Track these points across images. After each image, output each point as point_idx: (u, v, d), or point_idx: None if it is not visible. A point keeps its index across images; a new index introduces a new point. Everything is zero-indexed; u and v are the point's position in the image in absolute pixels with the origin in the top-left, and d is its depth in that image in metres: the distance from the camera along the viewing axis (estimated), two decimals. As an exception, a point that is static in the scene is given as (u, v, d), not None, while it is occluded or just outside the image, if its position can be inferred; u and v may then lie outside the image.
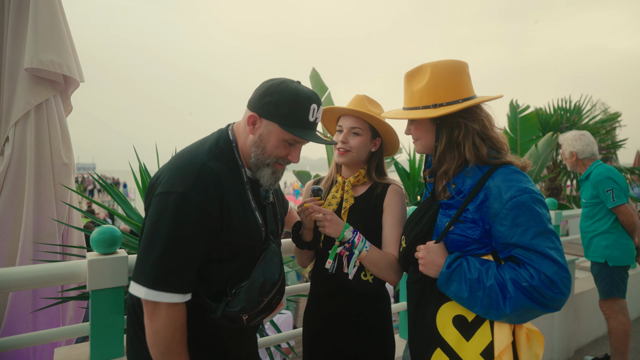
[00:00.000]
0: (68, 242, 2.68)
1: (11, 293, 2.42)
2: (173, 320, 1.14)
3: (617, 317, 3.12)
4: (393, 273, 1.54)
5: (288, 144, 1.29)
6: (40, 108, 2.50)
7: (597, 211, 3.17)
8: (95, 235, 1.59)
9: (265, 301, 1.23)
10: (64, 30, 2.56)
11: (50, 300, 2.39)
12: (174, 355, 1.16)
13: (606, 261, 3.11)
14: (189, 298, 1.18)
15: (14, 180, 2.44)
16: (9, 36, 2.46)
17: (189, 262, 1.15)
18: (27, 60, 2.39)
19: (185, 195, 1.14)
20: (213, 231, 1.19)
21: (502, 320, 1.20)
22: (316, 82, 3.98)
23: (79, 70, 2.64)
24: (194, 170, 1.18)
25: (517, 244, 1.17)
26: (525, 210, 1.16)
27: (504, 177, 1.23)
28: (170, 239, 1.12)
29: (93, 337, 1.58)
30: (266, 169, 1.31)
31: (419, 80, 1.34)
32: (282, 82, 1.27)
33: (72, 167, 2.64)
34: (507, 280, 1.16)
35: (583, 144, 3.19)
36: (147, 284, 1.12)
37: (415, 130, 1.41)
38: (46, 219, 2.50)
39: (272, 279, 1.25)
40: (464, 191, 1.29)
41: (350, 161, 1.66)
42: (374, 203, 1.64)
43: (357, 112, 1.61)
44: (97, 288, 1.57)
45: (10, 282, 1.48)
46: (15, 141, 2.43)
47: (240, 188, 1.29)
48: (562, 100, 5.21)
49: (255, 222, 1.32)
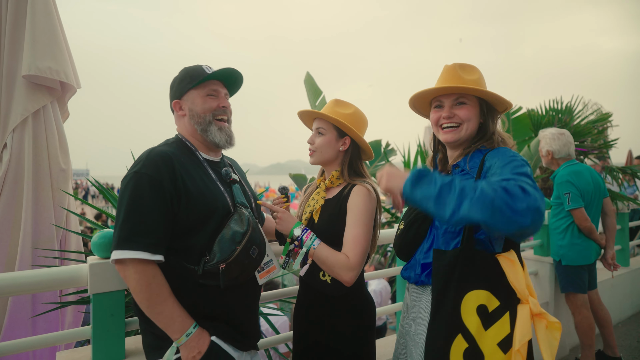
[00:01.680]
0: (66, 247, 2.69)
1: (11, 298, 2.43)
2: (142, 275, 1.28)
3: (580, 311, 3.20)
4: (341, 270, 1.52)
5: (211, 96, 1.53)
6: (38, 114, 2.52)
7: (558, 211, 3.29)
8: (96, 240, 1.61)
9: (238, 249, 1.35)
10: (60, 37, 2.59)
11: (50, 305, 2.40)
12: (158, 304, 1.30)
13: (560, 259, 3.24)
14: (158, 258, 1.31)
15: (12, 186, 2.45)
16: (7, 43, 2.48)
17: (149, 226, 1.30)
18: (24, 67, 2.41)
19: (137, 172, 1.34)
20: (170, 199, 1.34)
21: (463, 217, 1.07)
22: (310, 86, 4.02)
23: (75, 76, 2.67)
24: (145, 154, 1.40)
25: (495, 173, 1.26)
26: (506, 162, 1.26)
27: (499, 151, 1.35)
28: (129, 207, 1.31)
29: (95, 340, 1.60)
30: (211, 127, 1.51)
31: (472, 73, 1.46)
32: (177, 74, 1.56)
33: (69, 172, 2.66)
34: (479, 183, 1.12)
35: (560, 143, 3.23)
36: (113, 247, 1.30)
37: (464, 112, 1.43)
38: (44, 224, 2.51)
39: (240, 231, 1.38)
40: (467, 170, 1.39)
41: (317, 161, 1.73)
42: (338, 205, 1.64)
43: (312, 112, 1.73)
44: (99, 292, 1.59)
45: (13, 286, 1.50)
46: (13, 147, 2.45)
47: (197, 164, 1.49)
48: (553, 101, 5.28)
49: (217, 190, 1.47)
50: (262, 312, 2.73)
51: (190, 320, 1.34)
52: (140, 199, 1.31)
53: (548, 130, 3.35)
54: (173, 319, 1.31)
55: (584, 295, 3.21)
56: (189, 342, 1.32)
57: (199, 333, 1.34)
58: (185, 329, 1.32)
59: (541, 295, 3.63)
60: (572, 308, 3.26)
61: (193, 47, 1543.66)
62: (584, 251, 3.17)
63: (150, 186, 1.32)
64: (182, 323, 1.32)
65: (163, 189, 1.33)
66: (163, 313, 1.30)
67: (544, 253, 3.69)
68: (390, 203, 4.77)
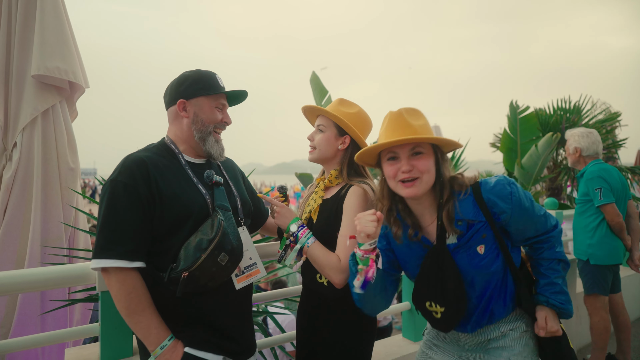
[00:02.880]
0: (75, 245, 2.72)
1: (20, 296, 2.46)
2: (123, 283, 1.30)
3: (598, 313, 3.16)
4: (332, 272, 1.50)
5: (218, 109, 1.54)
6: (47, 114, 2.55)
7: (586, 209, 3.22)
8: (104, 238, 1.63)
9: (203, 257, 1.31)
10: (69, 38, 2.61)
11: (58, 302, 2.43)
12: (136, 313, 1.31)
13: (588, 259, 3.16)
14: (137, 265, 1.32)
15: (22, 185, 2.48)
16: (17, 44, 2.51)
17: (126, 233, 1.31)
18: (34, 67, 2.44)
19: (113, 180, 1.35)
20: (147, 205, 1.35)
21: None
22: (316, 85, 4.03)
23: (84, 76, 2.69)
24: (121, 162, 1.41)
25: (532, 225, 1.42)
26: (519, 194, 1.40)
27: (489, 187, 1.40)
28: (106, 216, 1.32)
29: (103, 337, 1.62)
30: (210, 138, 1.52)
31: (419, 118, 1.39)
32: (184, 72, 1.54)
33: (77, 171, 2.69)
34: (552, 264, 1.47)
35: (589, 141, 3.24)
36: (94, 256, 1.31)
37: (423, 163, 1.35)
38: (53, 223, 2.54)
39: (207, 237, 1.35)
40: (471, 219, 1.36)
41: (316, 158, 1.72)
42: (336, 205, 1.62)
43: (314, 108, 1.73)
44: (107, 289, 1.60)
45: (22, 284, 1.52)
46: (23, 147, 2.48)
47: (177, 168, 1.47)
48: (561, 100, 5.24)
49: (195, 193, 1.45)
50: (268, 311, 2.73)
51: (166, 332, 1.34)
52: (116, 206, 1.32)
53: (576, 129, 3.36)
54: (149, 330, 1.31)
55: (605, 297, 3.16)
56: (163, 354, 1.31)
57: (174, 345, 1.33)
58: (160, 341, 1.32)
59: (549, 296, 3.60)
60: (591, 309, 3.21)
61: (199, 48, 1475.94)
62: (613, 250, 3.11)
63: (125, 192, 1.32)
64: (157, 335, 1.32)
65: (138, 194, 1.33)
66: (140, 323, 1.31)
67: (551, 254, 3.66)
68: None
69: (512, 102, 5.10)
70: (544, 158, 4.46)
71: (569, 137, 3.38)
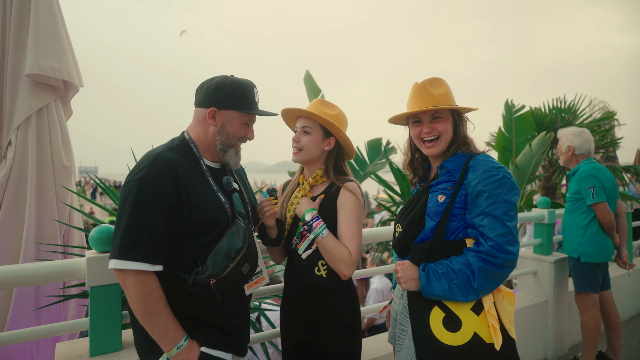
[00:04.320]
0: (69, 242, 2.76)
1: (15, 291, 2.49)
2: (142, 285, 1.29)
3: (589, 311, 3.19)
4: (343, 264, 1.61)
5: (246, 124, 1.55)
6: (41, 112, 2.58)
7: (577, 207, 3.25)
8: (93, 234, 1.66)
9: (231, 266, 1.35)
10: (63, 37, 2.64)
11: (53, 298, 2.46)
12: (153, 314, 1.32)
13: (579, 257, 3.19)
14: (157, 269, 1.32)
15: (17, 182, 2.52)
16: (11, 43, 2.54)
17: (151, 236, 1.30)
18: (28, 66, 2.47)
19: (142, 179, 1.32)
20: (173, 209, 1.35)
21: (480, 294, 1.46)
22: (310, 84, 4.06)
23: (78, 75, 2.72)
24: (149, 160, 1.37)
25: (480, 213, 1.46)
26: (495, 180, 1.47)
27: (482, 158, 1.56)
28: (132, 216, 1.30)
29: (92, 332, 1.65)
30: (231, 150, 1.54)
31: (439, 87, 1.62)
32: (224, 77, 1.51)
33: (72, 169, 2.72)
34: (467, 256, 1.46)
35: (582, 140, 3.27)
36: (114, 256, 1.29)
37: (441, 125, 1.62)
38: (48, 220, 2.57)
39: (235, 247, 1.38)
40: (451, 170, 1.57)
41: (302, 159, 1.76)
42: (328, 202, 1.71)
43: (304, 112, 1.73)
44: (96, 285, 1.64)
45: (14, 278, 1.56)
46: (17, 145, 2.51)
47: (200, 174, 1.48)
48: (556, 99, 5.25)
49: (218, 201, 1.47)
50: (260, 308, 2.77)
51: (182, 332, 1.37)
52: (143, 208, 1.30)
53: (569, 129, 3.40)
54: (167, 331, 1.33)
55: (596, 295, 3.20)
56: (180, 354, 1.34)
57: (190, 345, 1.37)
58: (177, 341, 1.34)
59: (540, 295, 3.63)
60: (582, 307, 3.24)
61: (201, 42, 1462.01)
62: (603, 248, 3.14)
63: (154, 194, 1.31)
64: (174, 336, 1.34)
65: (167, 199, 1.32)
66: (158, 324, 1.33)
67: (543, 252, 3.69)
68: None
69: (508, 101, 5.12)
70: (537, 157, 4.48)
71: (561, 136, 3.41)
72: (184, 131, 1.57)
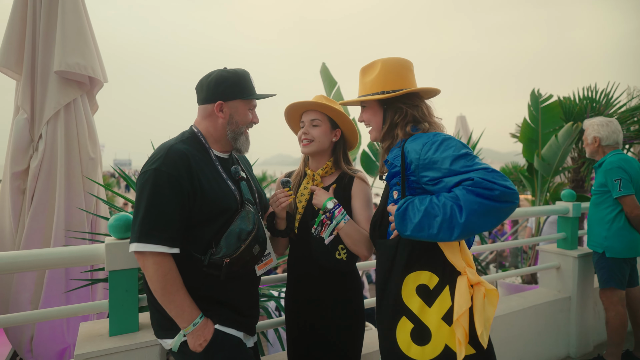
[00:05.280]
0: (96, 229, 2.92)
1: (47, 276, 2.68)
2: (160, 266, 1.39)
3: (614, 307, 3.08)
4: (364, 247, 1.72)
5: (250, 110, 1.64)
6: (69, 107, 2.74)
7: (603, 200, 3.12)
8: (112, 222, 1.76)
9: (243, 247, 1.45)
10: (88, 34, 2.78)
11: (81, 282, 2.63)
12: (171, 294, 1.41)
13: (604, 252, 3.07)
14: (174, 251, 1.42)
15: (47, 173, 2.69)
16: (41, 42, 2.70)
17: (167, 221, 1.40)
18: (56, 64, 2.62)
19: (157, 169, 1.42)
20: (187, 196, 1.44)
21: (468, 230, 1.21)
22: (326, 76, 4.07)
23: (102, 71, 2.86)
24: (163, 151, 1.47)
25: (442, 176, 1.28)
26: (436, 145, 1.33)
27: (416, 136, 1.44)
28: (149, 203, 1.39)
29: (111, 313, 1.76)
30: (242, 137, 1.63)
31: (371, 73, 1.57)
32: (221, 71, 1.60)
33: (97, 161, 2.87)
34: (454, 191, 1.24)
35: (609, 130, 3.13)
36: (134, 240, 1.39)
37: (365, 114, 1.62)
38: (75, 209, 2.74)
39: (246, 229, 1.48)
40: (392, 161, 1.50)
41: (313, 150, 1.82)
42: (342, 191, 1.81)
43: (315, 104, 1.80)
44: (114, 269, 1.74)
45: (42, 261, 1.68)
46: (47, 138, 2.68)
47: (210, 163, 1.57)
48: (587, 89, 5.01)
49: (227, 189, 1.56)
50: (274, 296, 2.84)
51: (198, 311, 1.46)
52: (159, 195, 1.40)
53: (595, 119, 3.26)
54: (183, 309, 1.43)
55: (622, 291, 3.09)
56: (196, 330, 1.44)
57: (205, 322, 1.46)
58: (193, 318, 1.44)
59: (563, 290, 3.53)
60: (607, 304, 3.14)
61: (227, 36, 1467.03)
62: (630, 243, 3.02)
63: (169, 183, 1.40)
64: (190, 313, 1.44)
65: (181, 186, 1.42)
66: (174, 302, 1.42)
67: (567, 246, 3.58)
68: None
69: (534, 90, 4.94)
70: (564, 149, 4.31)
71: (587, 126, 3.27)
72: (192, 125, 1.66)
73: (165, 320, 1.49)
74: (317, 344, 1.79)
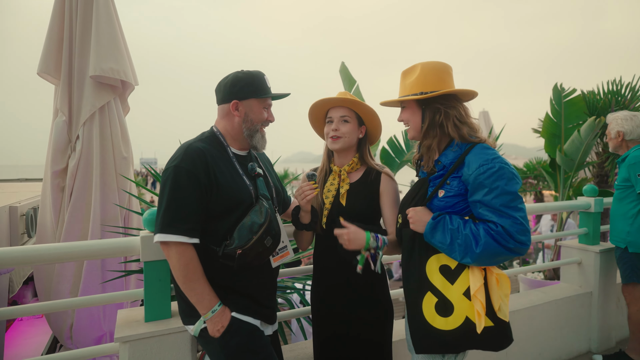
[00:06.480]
0: (129, 224, 3.10)
1: (84, 267, 2.87)
2: (182, 255, 1.50)
3: (637, 303, 3.05)
4: (395, 250, 1.81)
5: (265, 109, 1.71)
6: (103, 109, 2.92)
7: (626, 195, 3.08)
8: (145, 217, 1.90)
9: (254, 239, 1.53)
10: (120, 40, 2.95)
11: (116, 273, 2.81)
12: (192, 281, 1.52)
13: (627, 247, 3.04)
14: (195, 241, 1.52)
15: (84, 172, 2.88)
16: (77, 49, 2.89)
17: (187, 213, 1.51)
18: (91, 69, 2.80)
19: (177, 166, 1.52)
20: (204, 190, 1.54)
21: (476, 262, 1.47)
22: (345, 75, 4.12)
23: (133, 74, 3.03)
24: (182, 150, 1.58)
25: (481, 203, 1.48)
26: (490, 172, 1.46)
27: (478, 151, 1.54)
28: (170, 197, 1.50)
29: (146, 300, 1.90)
30: (257, 135, 1.71)
31: (411, 75, 1.66)
32: (237, 72, 1.69)
33: (130, 160, 3.05)
34: (480, 229, 1.46)
35: (633, 124, 3.10)
36: (157, 231, 1.50)
37: (404, 114, 1.69)
38: (110, 205, 2.92)
39: (258, 222, 1.55)
40: (447, 165, 1.58)
41: (342, 146, 1.85)
42: (370, 187, 1.85)
43: (347, 100, 1.84)
44: (149, 260, 1.88)
45: (82, 252, 1.83)
46: (84, 139, 2.87)
47: (227, 160, 1.67)
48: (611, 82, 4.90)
49: (243, 183, 1.65)
50: (296, 287, 2.95)
51: (216, 299, 1.55)
52: (179, 189, 1.50)
53: (619, 113, 3.23)
54: (203, 296, 1.53)
55: None
56: (214, 317, 1.54)
57: (222, 310, 1.56)
58: (212, 305, 1.53)
59: (584, 285, 3.51)
60: (630, 299, 3.11)
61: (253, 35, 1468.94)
62: None
63: (188, 178, 1.50)
64: (210, 301, 1.53)
65: (199, 181, 1.51)
66: (195, 290, 1.52)
67: (589, 242, 3.55)
68: None
69: (557, 84, 4.86)
70: (587, 143, 4.24)
71: (610, 120, 3.24)
72: (212, 126, 1.76)
73: (188, 307, 1.61)
74: (343, 336, 1.83)
